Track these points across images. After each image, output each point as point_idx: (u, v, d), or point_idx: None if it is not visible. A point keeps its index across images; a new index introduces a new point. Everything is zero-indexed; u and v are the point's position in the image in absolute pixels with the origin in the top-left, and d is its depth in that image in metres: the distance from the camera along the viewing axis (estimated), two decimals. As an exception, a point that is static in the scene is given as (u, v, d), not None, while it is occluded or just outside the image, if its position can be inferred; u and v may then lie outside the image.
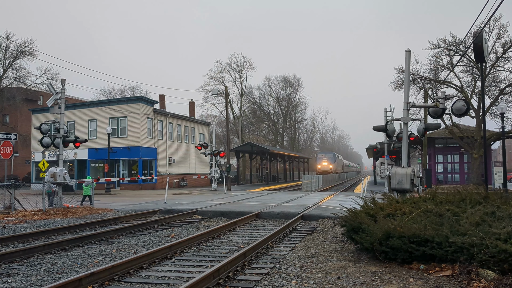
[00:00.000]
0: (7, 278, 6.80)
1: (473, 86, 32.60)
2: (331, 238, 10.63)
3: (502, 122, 22.67)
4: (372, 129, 15.56)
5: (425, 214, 7.85)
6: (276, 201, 20.10)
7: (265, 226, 13.11)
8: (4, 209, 17.27)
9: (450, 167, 39.36)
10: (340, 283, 6.27)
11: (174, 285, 6.36)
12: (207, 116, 68.97)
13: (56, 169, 18.05)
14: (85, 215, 16.32)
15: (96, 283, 6.27)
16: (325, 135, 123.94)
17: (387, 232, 7.32)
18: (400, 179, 12.55)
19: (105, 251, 9.02)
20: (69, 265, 7.69)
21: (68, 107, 30.86)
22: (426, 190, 12.49)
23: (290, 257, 8.23)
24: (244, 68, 68.58)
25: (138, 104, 39.56)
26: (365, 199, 10.10)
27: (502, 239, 6.45)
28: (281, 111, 78.45)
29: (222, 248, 9.30)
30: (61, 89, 18.71)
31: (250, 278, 6.67)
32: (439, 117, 15.48)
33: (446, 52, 32.41)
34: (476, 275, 6.20)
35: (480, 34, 14.55)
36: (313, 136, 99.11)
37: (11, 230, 12.46)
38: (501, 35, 29.94)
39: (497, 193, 9.99)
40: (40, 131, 18.60)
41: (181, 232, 11.88)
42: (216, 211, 16.03)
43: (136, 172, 39.08)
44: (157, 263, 7.81)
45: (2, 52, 44.28)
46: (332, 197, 23.30)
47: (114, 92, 73.56)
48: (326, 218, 14.15)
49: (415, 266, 7.08)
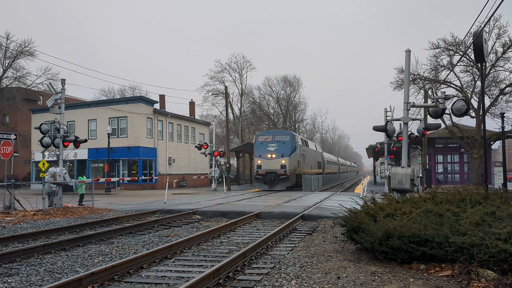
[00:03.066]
0: (7, 278, 6.80)
1: (473, 86, 32.62)
2: (331, 238, 10.62)
3: (502, 122, 22.67)
4: (372, 129, 15.57)
5: (425, 214, 7.85)
6: (276, 201, 20.09)
7: (265, 226, 13.11)
8: (4, 209, 17.27)
9: (450, 167, 39.36)
10: (340, 283, 6.27)
11: (174, 285, 6.36)
12: (207, 116, 68.94)
13: (56, 169, 18.05)
14: (85, 215, 16.32)
15: (96, 283, 6.26)
16: (325, 135, 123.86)
17: (387, 232, 7.32)
18: (400, 179, 12.55)
19: (105, 251, 9.02)
20: (69, 265, 7.69)
21: (68, 107, 30.82)
22: (426, 190, 12.49)
23: (290, 257, 8.23)
24: (244, 68, 68.52)
25: (138, 104, 39.55)
26: (365, 199, 10.10)
27: (502, 239, 6.45)
28: (281, 111, 78.41)
29: (222, 248, 9.30)
30: (61, 89, 18.70)
31: (250, 278, 6.67)
32: (439, 117, 15.49)
33: (446, 52, 32.44)
34: (476, 275, 6.20)
35: (480, 34, 14.55)
36: (313, 136, 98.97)
37: (11, 230, 12.46)
38: (501, 35, 29.98)
39: (497, 193, 10.00)
40: (40, 131, 18.60)
41: (181, 232, 11.88)
42: (216, 211, 16.03)
43: (136, 172, 39.07)
44: (157, 263, 7.81)
45: (2, 52, 44.27)
46: (332, 197, 23.30)
47: (114, 92, 73.56)
48: (326, 218, 14.15)
49: (415, 266, 7.08)
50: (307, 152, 37.90)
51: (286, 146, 31.13)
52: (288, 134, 33.39)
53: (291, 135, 33.14)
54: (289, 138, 32.43)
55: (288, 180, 30.54)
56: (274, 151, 30.81)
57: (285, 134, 33.58)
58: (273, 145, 31.24)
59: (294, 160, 31.77)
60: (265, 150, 31.03)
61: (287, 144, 31.39)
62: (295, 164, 31.96)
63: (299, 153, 33.82)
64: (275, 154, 30.67)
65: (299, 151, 33.53)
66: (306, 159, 36.95)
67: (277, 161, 30.41)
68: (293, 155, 31.51)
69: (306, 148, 38.15)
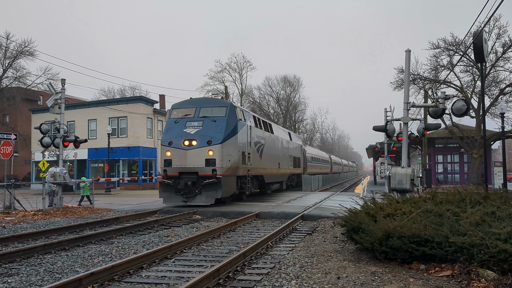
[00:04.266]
0: (7, 278, 6.80)
1: (473, 86, 32.62)
2: (331, 238, 10.63)
3: (502, 122, 22.69)
4: (372, 129, 15.59)
5: (425, 214, 7.85)
6: (276, 201, 20.09)
7: (265, 226, 13.12)
8: (4, 209, 17.28)
9: (450, 167, 39.37)
10: (340, 283, 6.27)
11: (174, 285, 6.37)
12: (207, 116, 68.90)
13: (56, 169, 18.06)
14: (85, 215, 16.33)
15: (96, 283, 6.27)
16: (325, 135, 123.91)
17: (387, 232, 7.33)
18: (400, 179, 12.56)
19: (105, 251, 9.02)
20: (69, 265, 7.69)
21: (68, 107, 30.86)
22: (426, 190, 12.50)
23: (290, 257, 8.23)
24: (244, 68, 68.52)
25: (138, 104, 39.57)
26: (365, 199, 10.11)
27: (502, 239, 6.45)
28: (281, 111, 78.44)
29: (222, 248, 9.30)
30: (61, 89, 18.71)
31: (250, 278, 6.67)
32: (439, 117, 15.50)
33: (446, 52, 32.44)
34: (476, 275, 6.20)
35: (480, 34, 14.56)
36: (313, 136, 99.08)
37: (11, 230, 12.47)
38: (501, 35, 29.99)
39: (497, 193, 10.01)
40: (40, 131, 18.61)
41: (181, 232, 11.88)
42: (216, 211, 16.03)
43: (136, 172, 39.09)
44: (157, 263, 7.81)
45: (2, 52, 44.28)
46: (332, 197, 23.30)
47: (114, 92, 73.60)
48: (326, 218, 14.15)
49: (415, 266, 7.08)
50: (268, 141, 23.23)
51: (218, 126, 17.55)
52: (225, 106, 18.61)
53: (228, 106, 18.54)
54: (225, 112, 18.08)
55: (219, 187, 16.91)
56: (195, 135, 17.40)
57: (218, 104, 18.84)
58: (195, 124, 17.79)
59: (235, 150, 18.11)
60: (179, 134, 17.59)
61: (220, 122, 17.68)
62: (236, 158, 18.15)
63: (247, 139, 19.62)
64: (196, 140, 17.27)
65: (246, 135, 19.55)
66: (266, 151, 22.58)
67: (199, 152, 17.12)
68: (231, 142, 17.79)
69: (267, 134, 23.23)
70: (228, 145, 17.54)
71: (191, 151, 17.17)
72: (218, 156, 16.96)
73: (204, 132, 17.35)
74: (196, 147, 17.16)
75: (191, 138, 17.30)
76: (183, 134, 17.45)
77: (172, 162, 17.41)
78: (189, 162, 17.14)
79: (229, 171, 17.63)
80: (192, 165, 17.10)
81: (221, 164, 16.96)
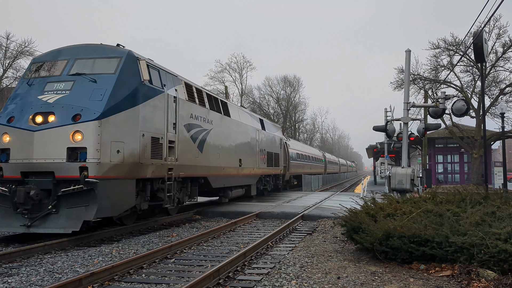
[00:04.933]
0: (7, 278, 6.79)
1: (473, 86, 32.64)
2: (331, 238, 10.62)
3: (502, 122, 22.69)
4: (372, 129, 15.60)
5: (425, 214, 7.85)
6: (276, 201, 20.09)
7: (265, 226, 13.11)
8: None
9: (450, 167, 39.38)
10: (340, 283, 6.27)
11: (174, 285, 6.36)
12: (207, 116, 68.96)
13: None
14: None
15: (96, 283, 6.27)
16: (325, 135, 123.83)
17: (387, 232, 7.33)
18: (400, 179, 12.56)
19: (105, 251, 9.01)
20: (69, 265, 7.68)
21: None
22: (426, 190, 12.52)
23: (290, 257, 8.23)
24: (244, 68, 68.44)
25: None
26: (365, 199, 10.11)
27: (502, 239, 6.45)
28: (281, 111, 78.41)
29: (222, 248, 9.30)
30: (61, 89, 18.55)
31: (250, 278, 6.68)
32: (439, 117, 15.53)
33: (446, 52, 32.47)
34: (476, 275, 6.20)
35: (480, 34, 14.56)
36: (313, 136, 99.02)
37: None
38: (501, 35, 30.02)
39: (497, 193, 10.00)
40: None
41: (181, 232, 11.88)
42: (216, 211, 16.02)
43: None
44: (157, 263, 7.81)
45: (2, 52, 44.29)
46: (332, 197, 23.30)
47: (114, 92, 73.54)
48: (326, 218, 14.15)
49: (415, 266, 7.08)
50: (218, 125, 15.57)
51: (98, 90, 9.67)
52: (116, 56, 10.42)
53: (124, 57, 10.38)
54: (116, 66, 10.15)
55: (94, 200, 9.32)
56: (54, 104, 9.57)
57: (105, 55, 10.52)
58: (60, 87, 9.86)
59: (133, 133, 10.30)
60: (29, 104, 9.84)
61: (103, 82, 9.81)
62: (136, 148, 10.38)
63: (166, 117, 11.67)
64: (55, 113, 9.44)
65: (165, 111, 11.63)
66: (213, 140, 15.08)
67: (56, 136, 9.30)
68: (123, 118, 9.94)
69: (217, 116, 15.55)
70: (116, 123, 9.76)
71: (42, 133, 9.37)
72: (92, 142, 9.27)
73: (70, 100, 9.59)
74: (52, 126, 9.37)
75: (46, 110, 9.53)
76: (34, 104, 9.73)
77: (10, 153, 9.64)
78: (38, 153, 9.39)
79: (117, 170, 9.86)
80: (43, 159, 9.38)
81: (97, 158, 9.30)
